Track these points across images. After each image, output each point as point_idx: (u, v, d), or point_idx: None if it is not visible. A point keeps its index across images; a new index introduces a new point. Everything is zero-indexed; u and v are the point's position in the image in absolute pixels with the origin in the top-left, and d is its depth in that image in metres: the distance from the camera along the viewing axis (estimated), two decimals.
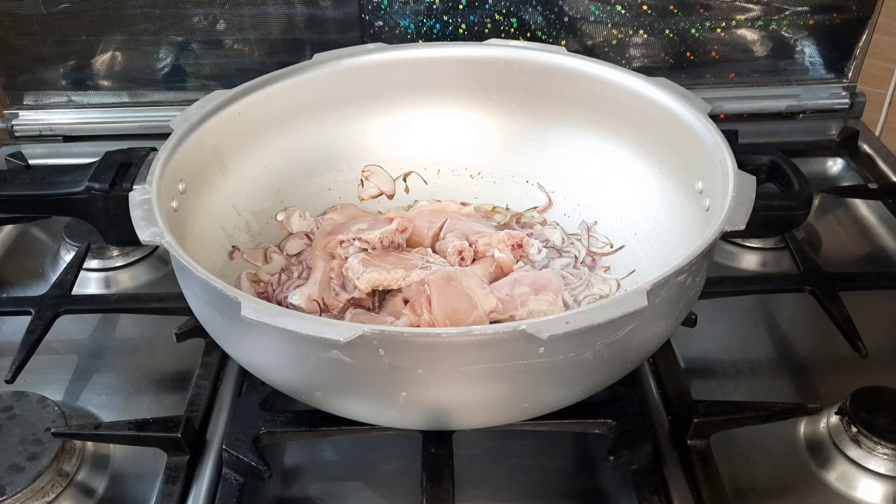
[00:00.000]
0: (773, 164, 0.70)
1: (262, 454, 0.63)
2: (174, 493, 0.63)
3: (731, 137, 0.67)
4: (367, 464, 0.68)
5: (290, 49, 1.03)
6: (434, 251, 0.78)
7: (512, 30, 1.02)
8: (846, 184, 1.01)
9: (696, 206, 0.69)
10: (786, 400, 0.70)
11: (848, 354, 0.72)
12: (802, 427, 0.69)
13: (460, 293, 0.68)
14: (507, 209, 0.86)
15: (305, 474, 0.68)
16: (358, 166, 0.86)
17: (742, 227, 0.58)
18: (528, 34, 1.02)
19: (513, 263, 0.76)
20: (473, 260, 0.76)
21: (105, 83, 1.06)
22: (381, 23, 1.01)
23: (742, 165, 0.63)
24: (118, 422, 0.67)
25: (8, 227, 0.96)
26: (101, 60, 1.04)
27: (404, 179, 0.86)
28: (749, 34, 1.04)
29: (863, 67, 1.07)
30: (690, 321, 0.73)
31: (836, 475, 0.65)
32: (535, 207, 0.85)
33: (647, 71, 0.77)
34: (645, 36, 1.03)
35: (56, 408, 0.68)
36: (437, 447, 0.62)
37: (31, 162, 1.04)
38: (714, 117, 0.69)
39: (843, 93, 1.08)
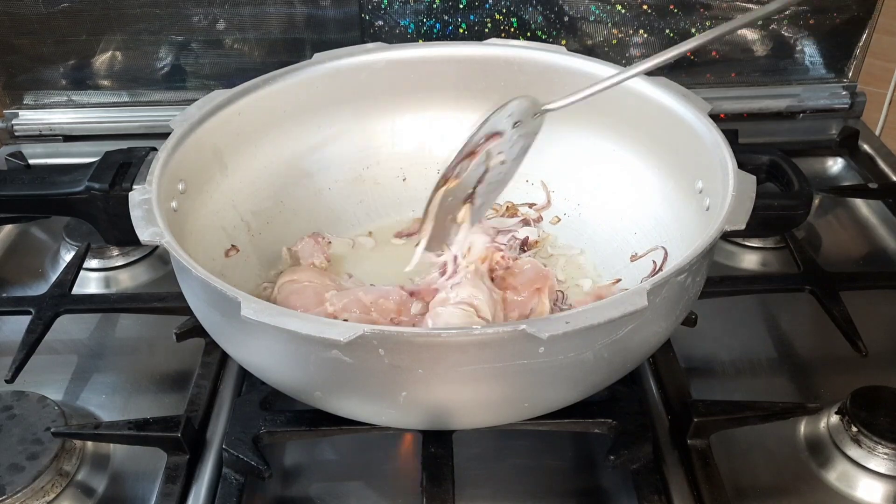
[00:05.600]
0: (773, 163, 0.70)
1: (262, 454, 0.63)
2: (174, 492, 0.63)
3: (731, 137, 0.67)
4: (367, 464, 0.68)
5: (290, 49, 1.02)
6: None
7: (512, 29, 1.02)
8: (846, 183, 1.01)
9: (696, 206, 0.69)
10: (786, 400, 0.70)
11: (848, 354, 0.72)
12: (802, 427, 0.69)
13: None
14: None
15: (305, 474, 0.68)
16: (359, 166, 0.85)
17: (742, 226, 0.58)
18: (528, 34, 1.02)
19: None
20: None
21: (105, 83, 1.06)
22: (381, 22, 1.01)
23: (742, 165, 0.63)
24: (118, 421, 0.67)
25: (8, 227, 0.96)
26: (101, 60, 1.04)
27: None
28: (749, 34, 1.04)
29: (863, 67, 1.07)
30: (690, 321, 0.73)
31: (837, 475, 0.65)
32: (533, 205, 0.85)
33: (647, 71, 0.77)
34: (645, 36, 1.03)
35: (56, 407, 0.68)
36: (437, 447, 0.62)
37: (31, 162, 1.04)
38: (714, 117, 0.69)
39: (844, 92, 1.08)
